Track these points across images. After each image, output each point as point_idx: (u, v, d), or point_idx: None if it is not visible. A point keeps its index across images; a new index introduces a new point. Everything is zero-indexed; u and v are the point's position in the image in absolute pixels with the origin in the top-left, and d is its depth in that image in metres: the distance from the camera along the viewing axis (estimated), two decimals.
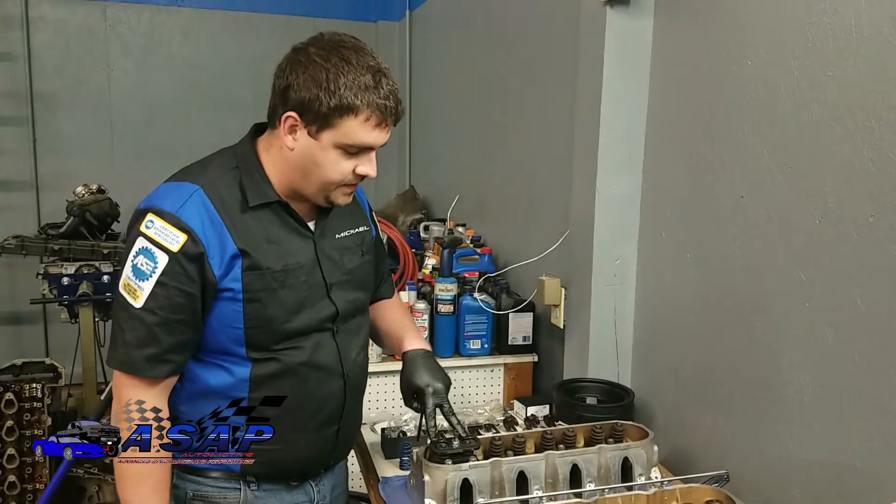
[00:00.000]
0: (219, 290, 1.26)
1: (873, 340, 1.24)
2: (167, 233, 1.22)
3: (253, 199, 1.29)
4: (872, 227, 1.24)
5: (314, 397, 1.38)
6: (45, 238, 3.56)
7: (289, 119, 1.24)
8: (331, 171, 1.26)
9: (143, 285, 1.22)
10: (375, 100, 1.22)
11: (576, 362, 2.11)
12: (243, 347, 1.30)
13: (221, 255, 1.25)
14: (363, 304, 1.51)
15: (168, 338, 1.24)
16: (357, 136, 1.24)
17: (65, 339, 3.77)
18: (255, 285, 1.27)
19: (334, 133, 1.23)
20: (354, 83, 1.21)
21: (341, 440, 1.47)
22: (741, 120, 1.57)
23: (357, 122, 1.22)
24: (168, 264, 1.21)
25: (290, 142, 1.26)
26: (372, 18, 4.88)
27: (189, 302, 1.24)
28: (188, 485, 1.38)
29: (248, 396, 1.32)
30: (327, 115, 1.21)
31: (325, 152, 1.25)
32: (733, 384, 1.61)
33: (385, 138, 1.28)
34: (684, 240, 1.78)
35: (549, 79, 2.52)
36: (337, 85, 1.20)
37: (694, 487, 1.38)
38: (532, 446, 1.56)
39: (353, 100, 1.21)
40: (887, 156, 1.20)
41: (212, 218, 1.25)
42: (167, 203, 1.24)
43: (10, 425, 3.01)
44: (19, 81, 4.26)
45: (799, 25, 1.39)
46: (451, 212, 3.33)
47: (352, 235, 1.46)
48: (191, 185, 1.27)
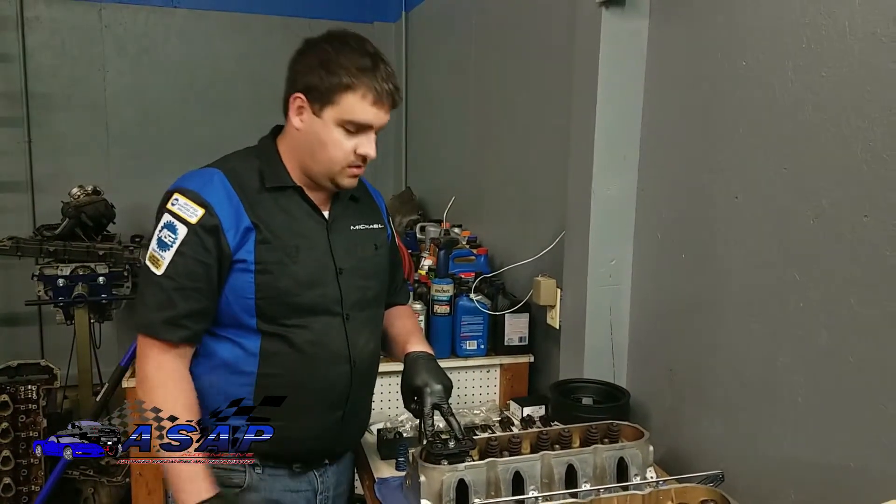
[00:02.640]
0: (234, 261, 1.35)
1: (867, 340, 1.24)
2: (188, 207, 1.34)
3: (269, 181, 1.41)
4: (866, 228, 1.24)
5: (320, 378, 1.43)
6: (40, 239, 3.55)
7: (296, 100, 1.37)
8: (333, 150, 1.37)
9: (164, 255, 1.34)
10: (373, 79, 1.34)
11: (571, 363, 2.11)
12: (254, 318, 1.38)
13: (236, 228, 1.35)
14: (376, 296, 1.55)
15: (184, 303, 1.33)
16: (356, 113, 1.34)
17: (60, 340, 3.77)
18: (267, 258, 1.36)
19: (335, 110, 1.34)
20: (353, 64, 1.33)
21: (346, 427, 1.51)
22: (736, 120, 1.57)
23: (355, 98, 1.33)
24: (187, 235, 1.33)
25: (297, 123, 1.39)
26: (368, 19, 4.88)
27: (205, 271, 1.34)
28: None
29: (257, 372, 1.39)
30: (328, 92, 1.33)
31: (328, 130, 1.36)
32: (728, 384, 1.61)
33: (383, 119, 1.38)
34: (679, 240, 1.78)
35: (544, 80, 2.52)
36: (338, 63, 1.33)
37: (689, 487, 1.38)
38: (528, 447, 1.57)
39: (351, 78, 1.33)
40: (881, 156, 1.21)
41: (229, 195, 1.36)
42: (192, 183, 1.37)
43: (5, 427, 3.01)
44: (14, 82, 4.24)
45: (793, 26, 1.40)
46: (447, 213, 3.33)
47: (366, 230, 1.55)
48: (213, 169, 1.40)
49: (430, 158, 4.24)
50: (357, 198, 1.55)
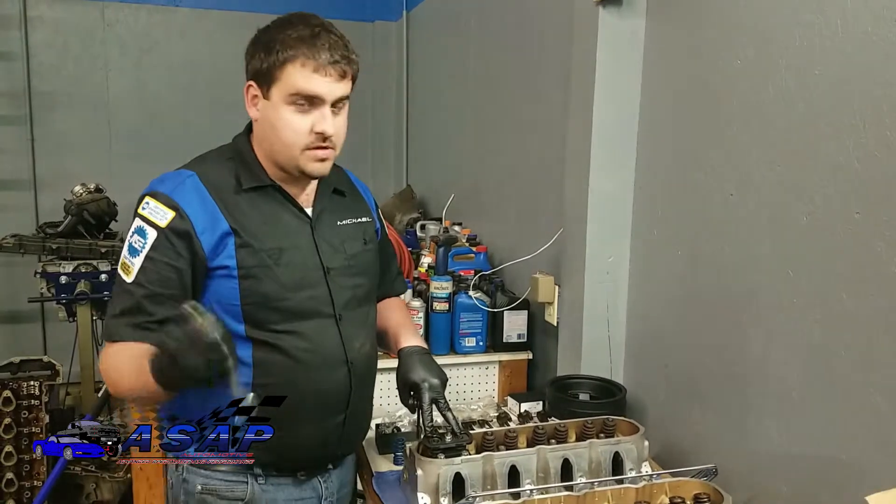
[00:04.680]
0: (211, 268, 1.30)
1: (859, 336, 1.26)
2: (158, 210, 1.29)
3: (246, 182, 1.36)
4: (858, 224, 1.25)
5: (318, 385, 1.38)
6: (43, 237, 3.57)
7: (250, 89, 1.34)
8: (286, 131, 1.30)
9: (134, 261, 1.29)
10: (311, 47, 1.27)
11: (569, 359, 2.13)
12: (242, 325, 1.33)
13: (212, 233, 1.30)
14: (367, 293, 1.51)
15: (155, 308, 1.27)
16: (298, 83, 1.27)
17: (63, 337, 3.79)
18: (249, 262, 1.32)
19: (279, 87, 1.28)
20: (290, 37, 1.28)
21: (348, 430, 1.47)
22: (730, 119, 1.58)
23: (294, 69, 1.27)
24: (156, 239, 1.28)
25: (254, 113, 1.35)
26: (369, 18, 4.89)
27: (177, 276, 1.29)
28: (197, 479, 1.40)
29: (253, 383, 1.33)
30: (270, 70, 1.28)
31: (278, 111, 1.30)
32: (722, 380, 1.63)
33: (334, 90, 1.29)
34: (675, 237, 1.80)
35: (542, 78, 2.53)
36: (275, 41, 1.28)
37: (683, 481, 1.40)
38: (524, 441, 1.58)
39: (287, 50, 1.27)
40: (872, 154, 1.22)
41: (202, 198, 1.31)
42: (163, 186, 1.32)
43: (7, 423, 3.03)
44: (17, 80, 4.27)
45: (787, 25, 1.41)
46: (446, 211, 3.34)
47: (353, 224, 1.49)
48: (186, 171, 1.36)
49: (431, 157, 4.25)
50: (342, 192, 1.51)
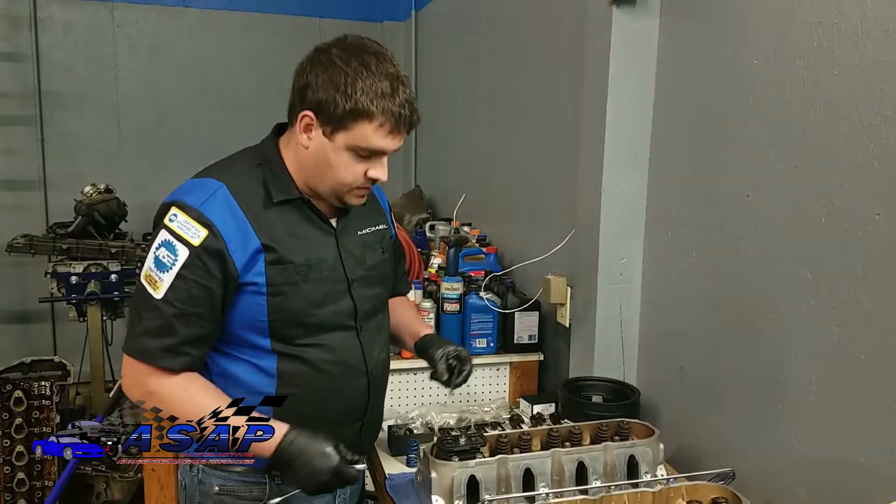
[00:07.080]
0: (241, 283, 1.28)
1: (878, 339, 1.24)
2: (189, 227, 1.24)
3: (276, 195, 1.32)
4: (878, 226, 1.24)
5: (340, 395, 1.40)
6: (53, 237, 3.59)
7: (305, 118, 1.27)
8: (343, 173, 1.29)
9: (163, 277, 1.24)
10: (391, 107, 1.24)
11: (581, 361, 2.12)
12: (268, 339, 1.33)
13: (244, 250, 1.27)
14: (383, 302, 1.54)
15: (185, 329, 1.26)
16: (370, 141, 1.26)
17: (73, 337, 3.81)
18: (279, 279, 1.30)
19: (348, 136, 1.26)
20: (371, 89, 1.23)
21: (365, 435, 1.51)
22: (747, 119, 1.57)
23: (371, 128, 1.25)
24: (188, 258, 1.24)
25: (304, 140, 1.30)
26: (378, 19, 4.89)
27: (207, 296, 1.26)
28: (214, 479, 1.40)
29: (276, 394, 1.33)
30: (342, 118, 1.24)
31: (338, 154, 1.28)
32: (739, 382, 1.61)
33: (397, 145, 1.30)
34: (690, 239, 1.78)
35: (555, 78, 2.52)
36: (354, 89, 1.23)
37: (700, 485, 1.39)
38: (538, 444, 1.57)
39: (368, 105, 1.23)
40: (893, 154, 1.21)
41: (234, 214, 1.27)
42: (191, 198, 1.27)
43: (19, 423, 3.05)
44: (27, 81, 4.29)
45: (805, 24, 1.40)
46: (456, 211, 3.33)
47: (373, 233, 1.49)
48: (215, 181, 1.30)
49: (440, 157, 4.24)
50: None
